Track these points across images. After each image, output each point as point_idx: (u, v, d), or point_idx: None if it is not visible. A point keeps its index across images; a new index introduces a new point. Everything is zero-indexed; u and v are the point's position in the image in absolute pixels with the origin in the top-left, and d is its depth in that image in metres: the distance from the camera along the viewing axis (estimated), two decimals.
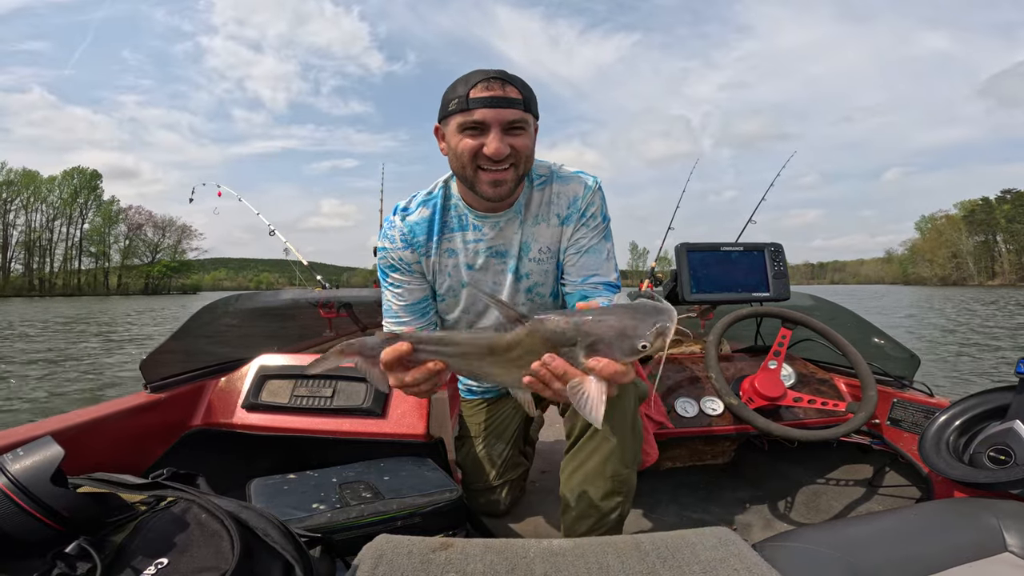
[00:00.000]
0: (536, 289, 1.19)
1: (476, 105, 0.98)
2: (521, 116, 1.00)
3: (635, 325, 0.63)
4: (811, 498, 1.54)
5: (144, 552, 0.61)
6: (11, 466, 0.61)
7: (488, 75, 0.99)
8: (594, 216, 1.16)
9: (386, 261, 1.16)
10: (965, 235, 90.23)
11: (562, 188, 1.15)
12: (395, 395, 1.36)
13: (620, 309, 0.66)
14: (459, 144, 1.01)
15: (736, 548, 0.69)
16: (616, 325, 0.64)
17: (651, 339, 0.63)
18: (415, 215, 1.15)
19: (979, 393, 1.19)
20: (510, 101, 0.99)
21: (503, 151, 0.98)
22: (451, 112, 1.01)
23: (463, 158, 1.01)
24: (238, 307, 1.89)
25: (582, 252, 1.15)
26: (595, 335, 0.64)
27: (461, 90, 1.00)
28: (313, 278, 3.09)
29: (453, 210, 1.15)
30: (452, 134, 1.02)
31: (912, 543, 0.83)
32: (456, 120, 1.00)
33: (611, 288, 1.14)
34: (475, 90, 0.98)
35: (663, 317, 0.63)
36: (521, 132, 1.01)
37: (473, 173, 1.03)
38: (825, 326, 1.49)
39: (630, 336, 0.63)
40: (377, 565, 0.65)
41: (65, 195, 74.18)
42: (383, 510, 1.00)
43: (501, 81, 0.99)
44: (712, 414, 1.45)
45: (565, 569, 0.65)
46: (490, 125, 0.98)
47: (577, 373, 0.64)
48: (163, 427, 1.29)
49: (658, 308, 0.64)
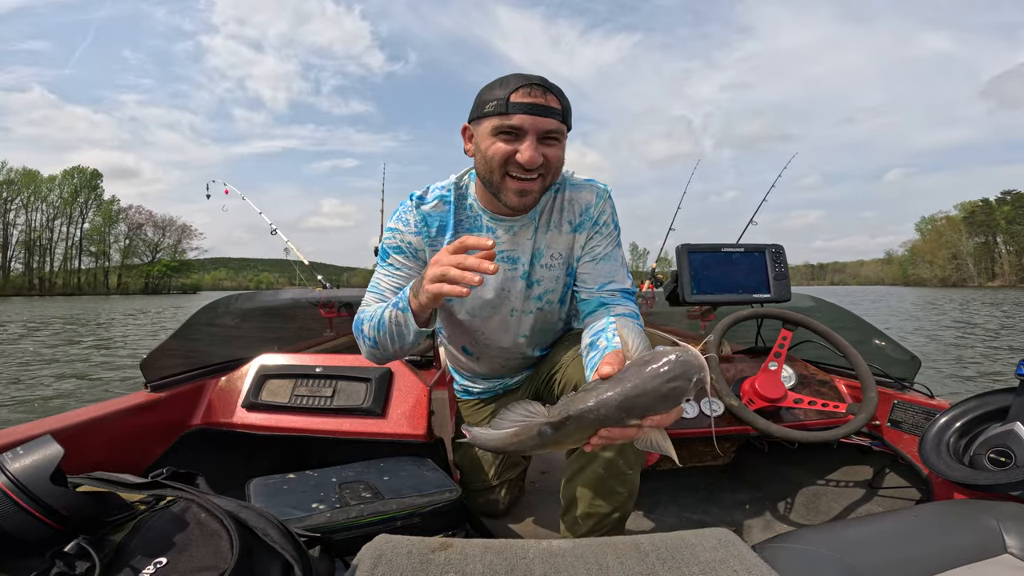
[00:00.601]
0: (546, 296, 1.18)
1: (516, 110, 0.95)
2: (558, 127, 0.98)
3: (674, 388, 0.65)
4: (811, 499, 1.54)
5: (143, 551, 0.61)
6: (10, 465, 0.61)
7: (530, 80, 0.97)
8: (607, 224, 1.16)
9: (393, 242, 1.13)
10: (965, 236, 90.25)
11: (574, 195, 1.14)
12: (395, 395, 1.36)
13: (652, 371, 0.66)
14: (491, 147, 0.99)
15: (736, 549, 0.69)
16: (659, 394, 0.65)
17: (692, 393, 0.66)
18: (430, 206, 1.13)
19: (979, 395, 1.19)
20: (550, 110, 0.96)
21: (537, 160, 0.96)
22: (487, 114, 0.99)
23: (493, 162, 0.99)
24: (238, 307, 1.89)
25: (598, 260, 1.15)
26: (640, 408, 0.66)
27: (500, 93, 0.97)
28: (314, 278, 3.10)
29: (468, 210, 1.14)
30: (484, 136, 1.00)
31: (912, 544, 0.83)
32: (492, 122, 0.98)
33: (627, 295, 1.14)
34: (516, 94, 0.96)
35: (695, 371, 0.65)
36: (555, 143, 0.99)
37: (501, 179, 1.00)
38: (826, 327, 1.49)
39: (676, 397, 0.65)
40: (376, 565, 0.65)
41: (65, 194, 74.23)
42: (382, 510, 1.00)
43: (543, 88, 0.97)
44: (712, 415, 1.45)
45: (564, 569, 0.65)
46: (527, 132, 0.96)
47: (633, 432, 0.69)
48: (163, 426, 1.29)
49: (688, 363, 0.65)
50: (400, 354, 1.05)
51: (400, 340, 0.99)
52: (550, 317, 1.22)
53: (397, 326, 0.97)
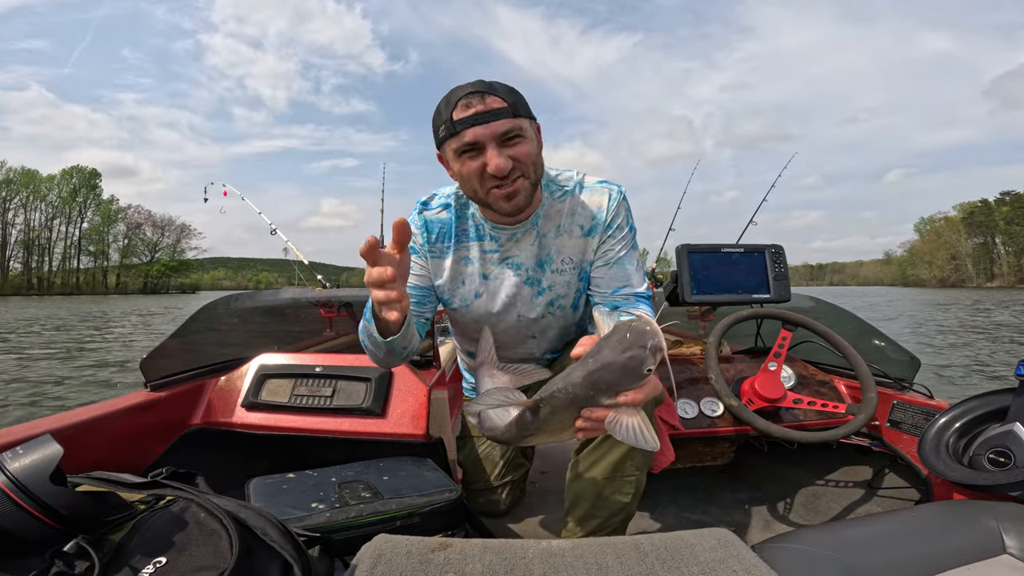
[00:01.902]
0: (558, 302, 1.18)
1: (462, 127, 0.95)
2: (512, 124, 0.96)
3: (631, 356, 0.66)
4: (810, 500, 1.54)
5: (142, 551, 0.61)
6: (10, 464, 0.61)
7: (465, 91, 0.96)
8: (620, 227, 1.14)
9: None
10: (964, 237, 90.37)
11: (586, 199, 1.14)
12: (395, 395, 1.36)
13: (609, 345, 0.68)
14: (462, 168, 0.99)
15: (735, 549, 0.69)
16: (617, 365, 0.67)
17: (653, 362, 0.67)
18: (433, 212, 1.15)
19: (979, 395, 1.19)
20: (495, 113, 0.95)
21: (504, 166, 0.95)
22: (443, 139, 0.99)
23: (472, 182, 1.00)
24: (238, 306, 1.89)
25: (611, 263, 1.14)
26: (605, 383, 0.68)
27: (444, 114, 0.97)
28: (313, 277, 3.09)
29: (470, 219, 1.14)
30: (452, 160, 1.01)
31: (911, 545, 0.83)
32: (450, 146, 0.99)
33: (641, 298, 1.13)
34: (456, 111, 0.95)
35: (648, 336, 0.66)
36: (518, 140, 0.98)
37: (485, 193, 1.01)
38: (825, 328, 1.49)
39: (634, 367, 0.67)
40: (376, 565, 0.65)
41: (64, 194, 74.16)
42: (382, 510, 1.00)
43: (480, 95, 0.95)
44: (712, 415, 1.45)
45: (564, 570, 0.65)
46: (484, 143, 0.96)
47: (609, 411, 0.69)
48: (162, 426, 1.29)
49: (640, 330, 0.67)
50: (389, 363, 1.04)
51: (378, 349, 0.96)
52: (562, 322, 1.22)
53: (371, 337, 0.95)
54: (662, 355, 0.67)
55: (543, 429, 0.75)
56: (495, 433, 0.85)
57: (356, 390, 1.35)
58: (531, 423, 0.75)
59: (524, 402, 0.74)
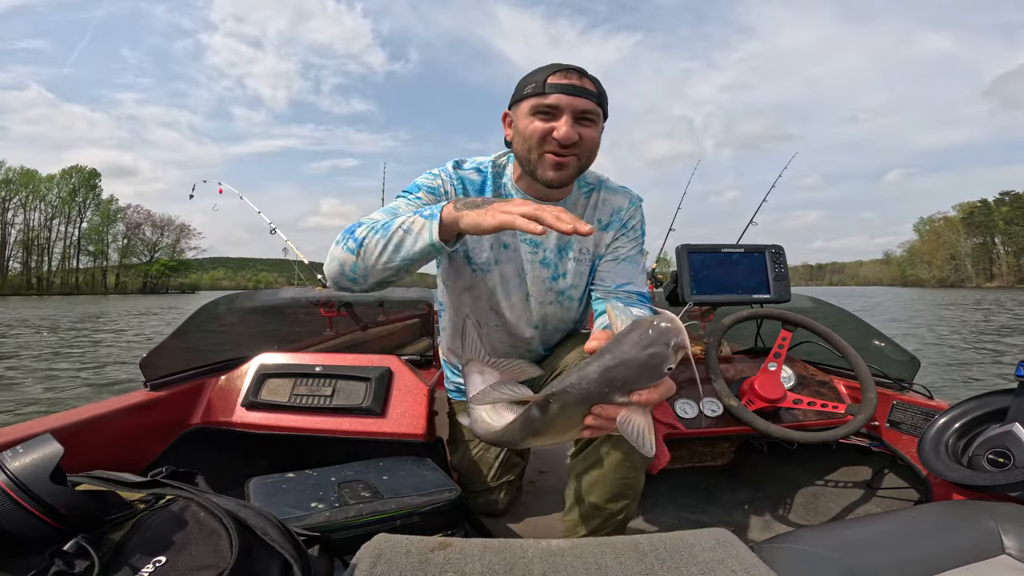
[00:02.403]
0: (568, 292, 1.19)
1: (552, 90, 1.00)
2: (593, 107, 1.02)
3: (652, 353, 0.63)
4: (810, 500, 1.54)
5: (142, 550, 0.61)
6: (10, 463, 0.61)
7: (567, 66, 1.02)
8: (635, 229, 1.19)
9: (432, 182, 1.10)
10: (963, 237, 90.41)
11: (608, 197, 1.18)
12: (395, 395, 1.36)
13: (630, 341, 0.64)
14: (529, 126, 1.02)
15: (734, 549, 0.69)
16: (637, 362, 0.63)
17: (673, 360, 0.63)
18: (466, 172, 1.16)
19: (978, 396, 1.19)
20: (585, 91, 1.01)
21: (572, 136, 1.00)
22: (525, 96, 1.03)
23: (531, 140, 1.02)
24: (238, 306, 1.89)
25: (620, 260, 1.17)
26: (622, 380, 0.65)
27: (539, 76, 1.02)
28: (314, 277, 3.09)
29: (503, 188, 1.16)
30: (522, 116, 1.04)
31: (910, 545, 0.83)
32: (529, 103, 1.02)
33: (644, 298, 1.16)
34: (553, 77, 1.00)
35: (672, 334, 0.63)
36: (591, 124, 1.03)
37: (539, 156, 1.04)
38: (825, 328, 1.49)
39: (654, 365, 0.63)
40: (375, 564, 0.65)
41: (64, 194, 74.12)
42: (382, 509, 1.00)
43: (579, 72, 1.02)
44: (711, 415, 1.45)
45: (563, 569, 0.65)
46: (563, 110, 1.00)
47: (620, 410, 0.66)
48: (162, 425, 1.29)
49: (664, 327, 0.63)
50: (376, 271, 0.90)
51: (394, 250, 0.87)
52: (566, 314, 1.23)
53: (405, 232, 0.86)
54: (684, 353, 0.64)
55: (550, 427, 0.72)
56: (491, 436, 0.81)
57: (356, 390, 1.35)
58: (538, 420, 0.71)
59: (532, 397, 0.71)
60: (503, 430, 0.79)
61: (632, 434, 0.65)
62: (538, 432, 0.73)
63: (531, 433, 0.74)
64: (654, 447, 0.65)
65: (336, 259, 0.93)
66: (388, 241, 0.87)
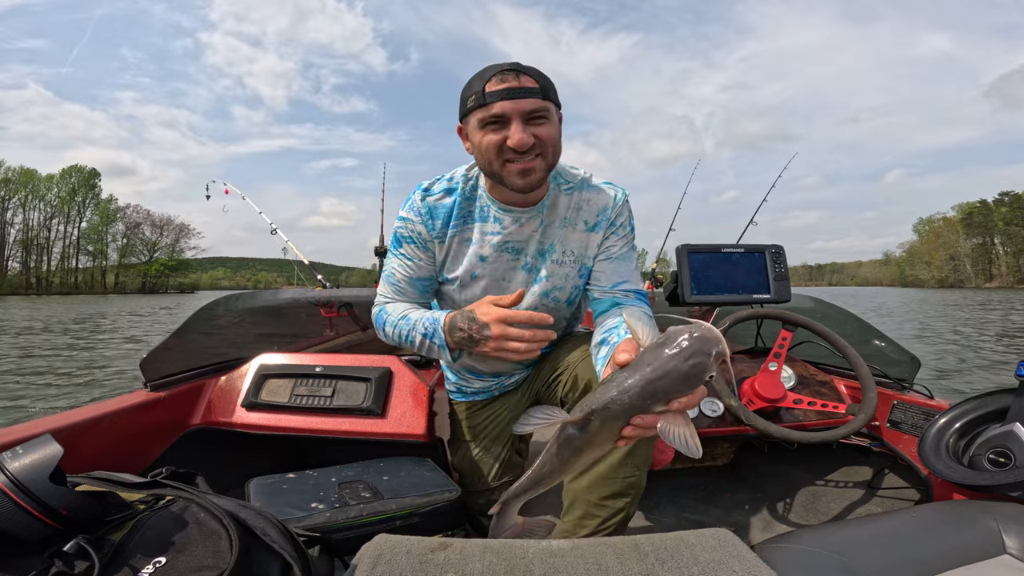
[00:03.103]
0: (553, 293, 1.18)
1: (493, 99, 0.97)
2: (540, 105, 0.99)
3: (695, 364, 0.63)
4: (810, 500, 1.54)
5: (142, 551, 0.61)
6: (10, 464, 0.61)
7: (501, 68, 0.99)
8: (623, 226, 1.17)
9: (404, 231, 1.15)
10: (963, 237, 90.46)
11: (592, 196, 1.16)
12: (395, 395, 1.35)
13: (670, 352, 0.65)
14: (482, 140, 1.01)
15: (735, 550, 0.69)
16: (680, 373, 0.64)
17: (715, 369, 0.64)
18: (435, 198, 1.14)
19: (979, 396, 1.19)
20: (527, 91, 0.98)
21: (527, 141, 0.98)
22: (470, 109, 1.01)
23: (488, 154, 1.01)
24: (239, 306, 1.89)
25: (613, 259, 1.16)
26: (664, 391, 0.65)
27: (477, 86, 1.00)
28: (314, 277, 3.09)
29: (477, 200, 1.15)
30: (474, 131, 1.02)
31: (911, 545, 0.83)
32: (476, 116, 1.00)
33: (640, 296, 1.15)
34: (490, 84, 0.98)
35: (713, 344, 0.64)
36: (543, 121, 1.01)
37: (500, 167, 1.02)
38: (825, 328, 1.49)
39: (696, 375, 0.64)
40: (375, 565, 0.64)
41: (63, 193, 74.09)
42: (382, 510, 1.00)
43: (515, 72, 0.99)
44: (712, 415, 1.45)
45: (564, 570, 0.65)
46: (510, 117, 0.98)
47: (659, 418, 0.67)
48: (163, 426, 1.29)
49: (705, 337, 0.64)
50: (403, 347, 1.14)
51: (427, 352, 1.08)
52: (555, 315, 1.22)
53: (428, 351, 1.07)
54: (724, 360, 0.64)
55: (591, 444, 0.71)
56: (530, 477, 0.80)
57: (356, 390, 1.35)
58: (578, 439, 0.71)
59: (570, 418, 0.70)
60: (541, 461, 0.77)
61: (677, 440, 0.66)
62: (579, 451, 0.72)
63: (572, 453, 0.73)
64: (699, 450, 0.66)
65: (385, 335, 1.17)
66: (420, 349, 1.08)
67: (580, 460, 0.74)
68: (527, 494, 0.82)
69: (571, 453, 0.73)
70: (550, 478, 0.77)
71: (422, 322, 1.06)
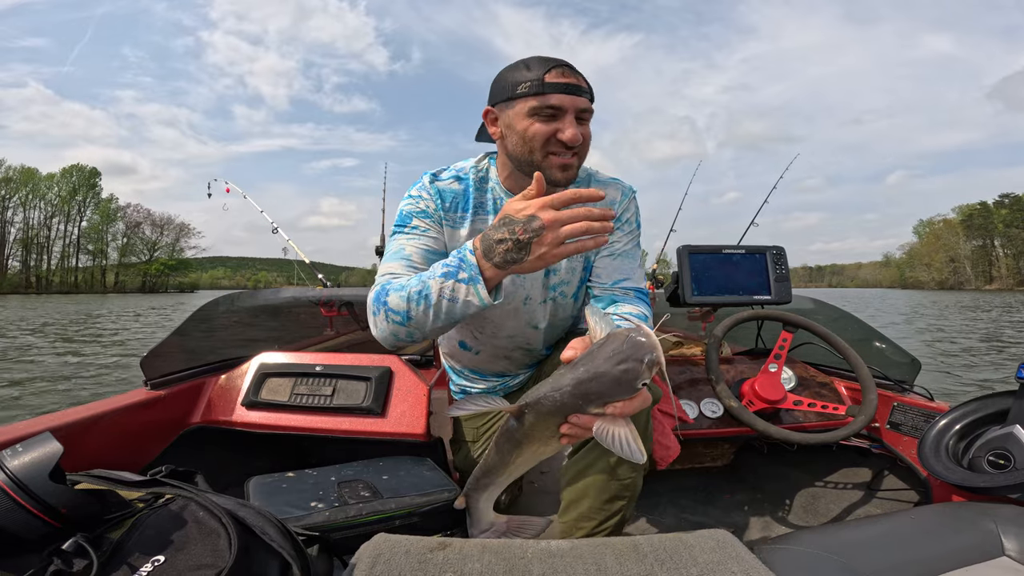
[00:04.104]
0: (560, 287, 1.17)
1: (552, 90, 0.97)
2: (590, 106, 1.01)
3: (625, 369, 0.63)
4: (810, 501, 1.54)
5: (141, 549, 0.61)
6: (9, 462, 0.61)
7: (559, 62, 1.00)
8: (629, 222, 1.17)
9: (415, 207, 1.10)
10: (963, 239, 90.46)
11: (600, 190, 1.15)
12: (395, 394, 1.35)
13: (604, 355, 0.64)
14: (529, 128, 0.99)
15: (734, 551, 0.69)
16: (610, 377, 0.63)
17: (648, 376, 0.64)
18: (444, 183, 1.13)
19: (979, 398, 1.19)
20: (582, 90, 0.99)
21: (579, 138, 0.99)
22: (520, 95, 1.00)
23: (534, 142, 1.00)
24: (239, 305, 1.89)
25: (616, 255, 1.15)
26: (595, 393, 0.65)
27: (532, 74, 0.99)
28: (315, 276, 3.09)
29: (489, 192, 1.14)
30: (520, 117, 1.00)
31: (910, 547, 0.83)
32: (528, 103, 0.99)
33: (641, 294, 1.14)
34: (550, 75, 0.98)
35: (646, 350, 0.63)
36: (587, 121, 1.03)
37: (543, 158, 1.01)
38: (826, 330, 1.49)
39: (628, 381, 0.63)
40: (375, 564, 0.64)
41: (64, 192, 74.13)
42: (381, 509, 1.00)
43: (572, 70, 1.00)
44: (712, 416, 1.45)
45: (563, 570, 0.65)
46: (566, 111, 0.98)
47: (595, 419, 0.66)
48: (162, 424, 1.29)
49: (637, 342, 0.63)
50: (431, 332, 0.94)
51: (449, 316, 0.88)
52: (561, 312, 1.21)
53: (451, 301, 0.86)
54: (659, 369, 0.64)
55: (529, 437, 0.72)
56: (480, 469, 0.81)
57: (356, 389, 1.35)
58: (516, 430, 0.72)
59: (508, 407, 0.71)
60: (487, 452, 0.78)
61: (612, 443, 0.65)
62: (519, 443, 0.73)
63: (513, 444, 0.74)
64: (643, 454, 0.65)
65: (385, 330, 0.97)
66: (436, 311, 0.88)
67: (522, 452, 0.74)
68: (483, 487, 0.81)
69: (512, 445, 0.74)
70: (496, 470, 0.78)
71: (440, 265, 0.89)
